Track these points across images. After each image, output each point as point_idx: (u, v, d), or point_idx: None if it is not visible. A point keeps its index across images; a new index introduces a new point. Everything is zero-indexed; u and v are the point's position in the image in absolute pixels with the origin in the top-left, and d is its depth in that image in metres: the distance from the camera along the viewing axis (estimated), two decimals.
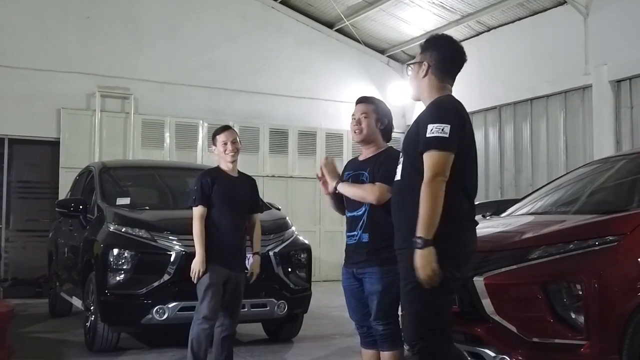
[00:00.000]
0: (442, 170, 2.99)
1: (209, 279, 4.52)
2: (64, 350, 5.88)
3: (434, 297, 2.99)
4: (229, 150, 4.69)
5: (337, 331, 6.97)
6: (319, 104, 12.90)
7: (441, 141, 2.99)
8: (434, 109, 3.11)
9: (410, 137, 3.19)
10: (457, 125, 3.05)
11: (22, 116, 10.54)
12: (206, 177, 4.69)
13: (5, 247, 10.62)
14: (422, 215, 2.94)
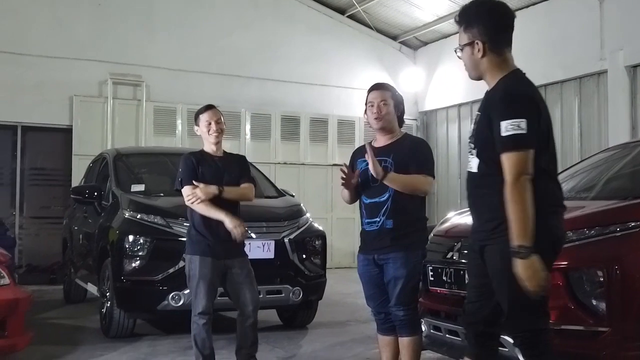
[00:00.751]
0: (524, 169, 2.75)
1: (197, 272, 4.28)
2: (81, 336, 5.91)
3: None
4: (213, 131, 4.40)
5: (352, 318, 6.98)
6: (331, 91, 12.85)
7: (519, 140, 2.75)
8: (506, 101, 2.81)
9: (480, 129, 2.92)
10: (533, 116, 2.80)
11: (35, 104, 10.54)
12: (190, 158, 4.43)
13: (19, 234, 10.67)
14: (516, 222, 2.73)
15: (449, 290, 4.23)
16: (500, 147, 2.80)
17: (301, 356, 5.21)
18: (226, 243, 4.30)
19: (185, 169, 4.39)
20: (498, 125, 2.79)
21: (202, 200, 4.26)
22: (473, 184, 3.05)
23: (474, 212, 3.08)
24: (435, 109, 13.10)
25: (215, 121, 4.43)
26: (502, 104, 2.82)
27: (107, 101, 11.06)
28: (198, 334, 4.29)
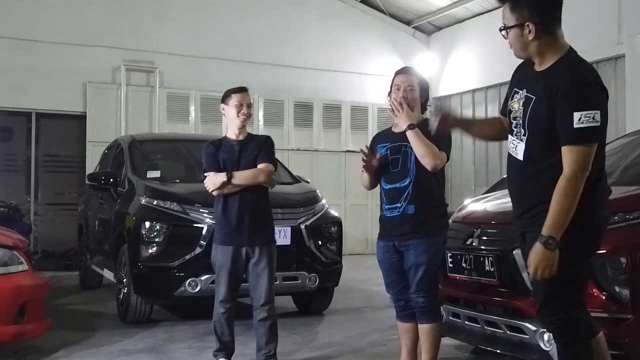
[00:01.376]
0: (587, 164, 2.68)
1: (218, 260, 4.24)
2: (98, 322, 5.93)
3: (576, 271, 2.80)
4: (243, 113, 4.25)
5: (367, 304, 6.97)
6: (344, 77, 12.78)
7: (593, 132, 2.65)
8: (577, 89, 2.67)
9: (539, 116, 2.77)
10: (605, 106, 2.69)
11: (49, 90, 10.56)
12: (210, 146, 4.35)
13: (35, 220, 10.72)
14: (557, 214, 2.66)
15: (469, 277, 4.21)
16: (569, 138, 2.67)
17: (318, 342, 5.21)
18: (247, 230, 4.23)
19: (207, 158, 4.31)
20: (569, 115, 2.65)
21: (213, 189, 4.20)
22: (517, 171, 2.93)
23: (516, 198, 2.99)
24: (450, 94, 13.00)
25: (247, 104, 4.32)
26: (576, 93, 2.68)
27: (120, 88, 11.06)
28: (218, 321, 4.28)
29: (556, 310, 2.84)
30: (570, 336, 2.84)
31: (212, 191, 4.22)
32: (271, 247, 4.33)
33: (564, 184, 2.68)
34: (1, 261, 4.35)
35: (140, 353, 4.80)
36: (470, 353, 4.74)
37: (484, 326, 4.07)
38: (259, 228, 4.28)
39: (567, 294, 2.82)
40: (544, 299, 2.85)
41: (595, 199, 2.78)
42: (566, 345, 2.86)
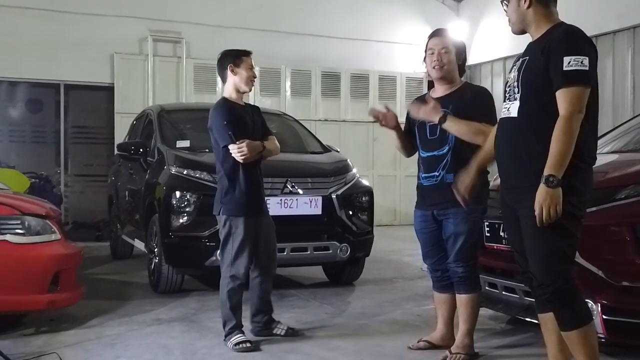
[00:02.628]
0: (581, 106, 2.80)
1: (243, 232, 4.08)
2: (130, 292, 5.95)
3: (568, 236, 2.86)
4: (252, 77, 4.17)
5: (398, 274, 6.91)
6: (372, 46, 12.58)
7: (581, 75, 2.79)
8: (567, 38, 2.85)
9: (534, 70, 2.91)
10: (593, 57, 2.85)
11: (77, 62, 10.55)
12: (231, 109, 4.16)
13: (65, 191, 10.80)
14: (557, 153, 2.77)
15: (507, 246, 4.09)
16: (560, 81, 2.80)
17: (350, 312, 5.16)
18: (261, 201, 4.26)
19: (233, 120, 4.11)
20: (560, 61, 2.80)
21: (248, 158, 4.08)
22: (511, 130, 3.00)
23: (509, 159, 3.02)
24: (480, 62, 12.74)
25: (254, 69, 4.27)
26: (566, 41, 2.84)
27: (147, 59, 11.01)
28: (235, 295, 4.14)
29: (555, 272, 2.86)
30: (568, 296, 2.87)
31: (245, 158, 4.06)
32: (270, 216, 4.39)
33: (561, 124, 2.79)
34: (34, 230, 4.35)
35: (173, 322, 4.79)
36: (506, 324, 4.66)
37: (522, 296, 3.98)
38: (264, 198, 4.32)
39: (563, 254, 2.86)
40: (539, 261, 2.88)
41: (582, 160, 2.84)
42: (564, 307, 2.88)
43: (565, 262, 2.88)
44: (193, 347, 4.14)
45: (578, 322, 2.88)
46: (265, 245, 4.28)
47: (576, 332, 2.87)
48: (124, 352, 4.03)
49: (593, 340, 2.91)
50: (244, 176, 4.12)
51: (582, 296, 2.94)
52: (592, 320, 2.93)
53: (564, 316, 2.90)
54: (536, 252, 2.90)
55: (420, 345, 3.98)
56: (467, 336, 3.77)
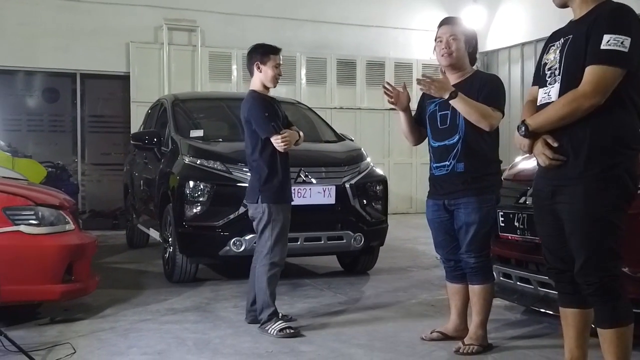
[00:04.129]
0: (603, 89, 2.64)
1: (282, 219, 4.17)
2: (145, 281, 5.98)
3: (615, 232, 2.75)
4: (278, 75, 4.32)
5: (413, 264, 6.87)
6: (388, 33, 12.48)
7: (618, 55, 2.61)
8: (613, 15, 2.68)
9: (577, 51, 2.74)
10: (638, 38, 2.65)
11: (93, 51, 10.59)
12: (266, 100, 4.34)
13: (82, 180, 10.88)
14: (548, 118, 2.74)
15: (522, 236, 4.05)
16: (593, 58, 2.64)
17: (364, 302, 5.14)
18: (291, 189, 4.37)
19: (272, 112, 4.26)
20: (600, 38, 2.63)
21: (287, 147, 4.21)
22: None
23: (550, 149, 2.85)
24: (497, 49, 12.60)
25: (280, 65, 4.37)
26: (609, 18, 2.67)
27: (162, 47, 11.03)
28: (276, 281, 4.23)
29: (601, 268, 2.75)
30: (613, 294, 2.77)
31: (285, 148, 4.19)
32: None
33: (569, 97, 2.69)
34: (48, 221, 4.36)
35: (187, 312, 4.80)
36: (521, 314, 4.62)
37: (537, 287, 3.93)
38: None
39: (611, 249, 2.74)
40: (587, 255, 2.75)
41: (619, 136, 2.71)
42: (607, 303, 2.78)
43: (612, 258, 2.76)
44: (206, 337, 4.14)
45: (616, 321, 2.78)
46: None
47: (612, 331, 2.77)
48: (137, 342, 4.04)
49: (628, 342, 2.79)
50: (282, 165, 4.24)
51: (626, 295, 2.81)
52: (631, 323, 2.80)
53: (603, 313, 2.80)
54: (584, 248, 2.76)
55: (433, 336, 3.95)
56: (480, 327, 3.73)
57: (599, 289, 2.77)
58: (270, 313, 4.19)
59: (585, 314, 2.97)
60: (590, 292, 2.81)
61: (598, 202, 2.71)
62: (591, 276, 2.77)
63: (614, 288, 2.77)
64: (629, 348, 2.81)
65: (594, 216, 2.72)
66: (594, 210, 2.72)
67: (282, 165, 4.25)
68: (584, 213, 2.74)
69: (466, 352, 3.66)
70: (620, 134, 2.70)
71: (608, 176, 2.69)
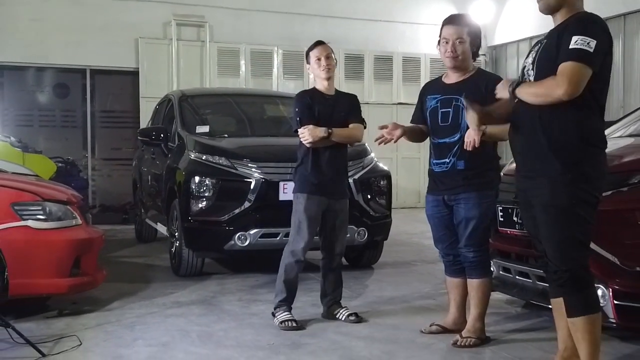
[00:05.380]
0: (576, 81, 2.78)
1: (303, 209, 4.27)
2: (152, 274, 6.07)
3: (581, 223, 2.88)
4: (324, 66, 4.30)
5: (418, 258, 6.92)
6: (396, 27, 12.49)
7: (585, 54, 2.78)
8: (581, 21, 2.88)
9: (548, 54, 2.93)
10: (604, 44, 2.85)
11: (102, 47, 10.69)
12: (304, 97, 4.37)
13: (92, 175, 11.00)
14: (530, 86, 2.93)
15: (520, 231, 4.09)
16: (563, 56, 2.81)
17: (367, 296, 5.20)
18: (333, 183, 4.33)
19: (303, 108, 4.31)
20: (569, 39, 2.81)
21: (311, 142, 4.22)
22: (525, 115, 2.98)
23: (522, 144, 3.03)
24: (506, 42, 12.58)
25: (325, 56, 4.34)
26: (578, 22, 2.86)
27: (171, 43, 11.11)
28: (291, 271, 4.30)
29: (570, 259, 2.88)
30: (581, 283, 2.89)
31: (307, 142, 4.23)
32: (347, 201, 4.50)
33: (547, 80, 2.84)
34: (55, 216, 4.45)
35: (192, 305, 4.89)
36: (522, 308, 4.66)
37: (535, 281, 3.97)
38: (341, 182, 4.44)
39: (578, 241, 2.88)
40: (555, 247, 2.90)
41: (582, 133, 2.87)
42: (576, 293, 2.90)
43: (579, 249, 2.90)
44: (210, 330, 4.22)
45: (586, 310, 2.90)
46: (330, 228, 4.38)
47: (582, 319, 2.90)
48: (142, 334, 4.13)
49: (597, 329, 2.91)
50: (312, 158, 4.30)
51: (594, 284, 2.96)
52: (599, 311, 2.95)
53: (573, 302, 2.93)
54: (551, 239, 2.92)
55: (432, 329, 4.01)
56: (478, 320, 3.79)
57: (568, 279, 2.90)
58: (280, 300, 4.30)
59: None
60: (560, 282, 2.93)
61: (563, 196, 2.86)
62: (560, 266, 2.91)
63: (583, 278, 2.90)
64: (599, 334, 2.93)
65: (559, 209, 2.87)
66: (560, 203, 2.87)
67: (315, 158, 4.28)
68: (550, 206, 2.90)
69: (464, 344, 3.72)
70: (585, 133, 2.87)
71: (573, 171, 2.84)
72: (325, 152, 4.30)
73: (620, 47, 10.02)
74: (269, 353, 3.74)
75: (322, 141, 4.23)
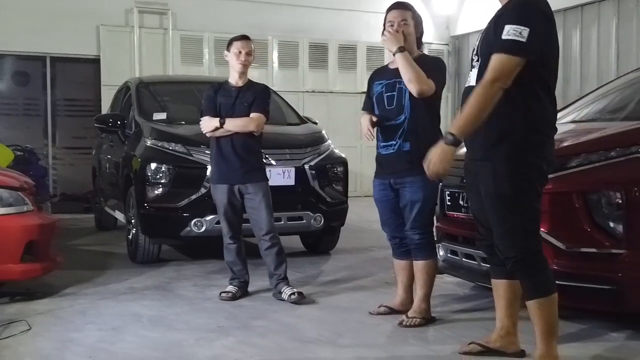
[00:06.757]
0: (505, 75, 2.80)
1: (216, 198, 4.64)
2: (110, 262, 6.06)
3: (527, 211, 2.91)
4: (241, 61, 4.52)
5: (376, 244, 6.99)
6: (360, 17, 12.52)
7: (515, 45, 2.78)
8: (517, 8, 2.85)
9: (487, 39, 2.95)
10: (540, 29, 2.82)
11: (63, 34, 10.52)
12: (210, 90, 4.65)
13: (53, 164, 10.89)
14: (467, 116, 2.84)
15: (466, 214, 4.18)
16: (496, 47, 2.82)
17: (321, 280, 5.28)
18: (240, 170, 4.51)
19: (205, 101, 4.64)
20: (502, 29, 2.81)
21: (206, 132, 4.56)
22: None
23: None
24: (468, 32, 12.70)
25: (246, 52, 4.53)
26: (512, 10, 2.85)
27: (133, 30, 11.00)
28: (228, 253, 4.69)
29: (515, 245, 2.91)
30: (531, 268, 2.93)
31: (205, 133, 4.58)
32: (263, 183, 4.61)
33: (478, 89, 2.83)
34: (6, 202, 4.43)
35: (146, 290, 4.90)
36: (470, 289, 4.77)
37: (480, 263, 4.07)
38: (251, 167, 4.56)
39: (523, 226, 2.90)
40: (501, 233, 2.93)
41: (527, 121, 2.87)
42: (527, 277, 2.95)
43: (526, 236, 2.91)
44: (162, 314, 4.25)
45: (537, 293, 2.94)
46: (251, 212, 4.60)
47: (534, 302, 2.94)
48: (94, 319, 4.14)
49: (550, 312, 2.94)
50: (215, 149, 4.60)
51: (547, 268, 2.98)
52: (553, 293, 2.96)
53: (525, 286, 2.98)
54: (498, 226, 2.95)
55: (380, 311, 4.10)
56: (424, 301, 3.88)
57: (515, 264, 2.95)
58: (229, 279, 4.75)
59: (513, 286, 3.13)
60: (509, 266, 2.99)
61: (507, 183, 2.89)
62: (507, 252, 2.95)
63: (531, 262, 2.94)
64: (554, 317, 2.97)
65: (503, 196, 2.90)
66: (503, 190, 2.89)
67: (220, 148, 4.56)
68: (494, 192, 2.93)
69: (409, 324, 3.81)
70: (530, 121, 2.86)
71: (517, 159, 2.86)
72: (227, 143, 4.52)
73: (578, 38, 10.22)
74: (218, 335, 3.79)
75: (218, 131, 4.49)
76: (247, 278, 4.76)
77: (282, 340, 3.66)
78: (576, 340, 3.54)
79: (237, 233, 4.68)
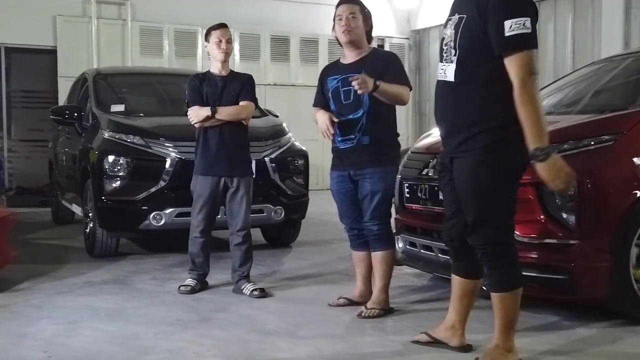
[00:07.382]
0: (532, 67, 2.72)
1: (197, 189, 4.53)
2: (67, 256, 5.97)
3: (503, 200, 2.90)
4: (223, 49, 4.47)
5: (338, 236, 6.99)
6: (322, 9, 12.47)
7: (526, 38, 2.70)
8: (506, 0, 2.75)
9: (469, 32, 2.82)
10: (534, 17, 2.77)
11: (18, 24, 10.32)
12: (194, 79, 4.58)
13: (9, 157, 10.65)
14: (530, 124, 2.71)
15: (424, 206, 4.25)
16: (504, 47, 2.73)
17: (283, 272, 5.28)
18: (226, 162, 4.47)
19: (191, 91, 4.53)
20: (501, 25, 2.71)
21: (196, 122, 4.44)
22: (448, 93, 2.97)
23: (445, 123, 3.04)
24: (429, 27, 12.82)
25: (226, 40, 4.49)
26: (505, 3, 2.74)
27: (91, 21, 10.82)
28: (193, 245, 4.61)
29: (488, 235, 2.91)
30: (501, 261, 2.94)
31: (194, 123, 4.47)
32: (248, 178, 4.62)
33: (519, 95, 2.73)
34: None
35: (104, 284, 4.84)
36: (428, 280, 4.83)
37: (438, 254, 4.13)
38: (237, 160, 4.55)
39: (497, 218, 2.90)
40: (473, 223, 2.92)
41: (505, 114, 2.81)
42: (495, 268, 2.96)
43: (500, 226, 2.91)
44: (120, 308, 4.20)
45: (503, 286, 2.94)
46: (230, 206, 4.57)
47: (499, 295, 2.95)
48: (50, 313, 4.07)
49: (513, 307, 2.94)
50: (202, 140, 4.53)
51: (517, 263, 2.98)
52: (517, 288, 2.95)
53: (491, 277, 2.99)
54: (470, 217, 2.93)
55: (339, 302, 4.12)
56: (382, 292, 3.91)
57: (485, 254, 2.96)
58: (188, 270, 4.70)
59: (466, 284, 3.17)
60: (479, 256, 3.00)
61: (482, 175, 2.87)
62: (479, 240, 2.95)
63: (501, 254, 2.94)
64: (516, 311, 2.98)
65: (479, 187, 2.89)
66: (479, 182, 2.88)
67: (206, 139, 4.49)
68: (469, 184, 2.91)
69: (368, 315, 3.84)
70: (507, 112, 2.80)
71: (493, 150, 2.84)
72: (215, 133, 4.46)
73: (552, 30, 10.31)
74: (177, 328, 3.76)
75: (208, 121, 4.41)
76: (207, 270, 4.73)
77: (242, 333, 3.66)
78: (530, 330, 3.60)
79: (209, 228, 4.62)
